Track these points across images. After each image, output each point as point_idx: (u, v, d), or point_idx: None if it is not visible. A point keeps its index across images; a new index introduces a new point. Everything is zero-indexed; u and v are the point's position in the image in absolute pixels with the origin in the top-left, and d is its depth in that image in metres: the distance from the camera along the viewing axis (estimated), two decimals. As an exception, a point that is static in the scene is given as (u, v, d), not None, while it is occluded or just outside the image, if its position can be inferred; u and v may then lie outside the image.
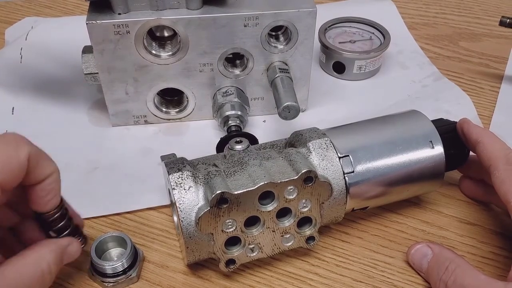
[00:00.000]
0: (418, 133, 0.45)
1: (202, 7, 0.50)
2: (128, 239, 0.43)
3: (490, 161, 0.42)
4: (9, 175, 0.32)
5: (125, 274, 0.42)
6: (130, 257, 0.43)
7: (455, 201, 0.51)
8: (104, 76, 0.53)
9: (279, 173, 0.39)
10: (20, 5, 0.80)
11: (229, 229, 0.39)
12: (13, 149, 0.33)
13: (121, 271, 0.42)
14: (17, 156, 0.33)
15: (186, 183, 0.40)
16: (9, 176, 0.32)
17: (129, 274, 0.42)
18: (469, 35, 0.76)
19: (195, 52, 0.52)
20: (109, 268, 0.42)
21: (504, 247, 0.46)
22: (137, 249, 0.44)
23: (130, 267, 0.42)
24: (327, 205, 0.42)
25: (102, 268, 0.42)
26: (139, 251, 0.44)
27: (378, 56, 0.65)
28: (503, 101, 0.63)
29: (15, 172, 0.33)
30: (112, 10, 0.49)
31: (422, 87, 0.64)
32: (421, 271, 0.43)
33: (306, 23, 0.52)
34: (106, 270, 0.42)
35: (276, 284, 0.44)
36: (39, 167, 0.35)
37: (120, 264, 0.42)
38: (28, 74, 0.64)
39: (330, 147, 0.42)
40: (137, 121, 0.58)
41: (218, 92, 0.55)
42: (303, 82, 0.57)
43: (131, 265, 0.42)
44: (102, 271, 0.42)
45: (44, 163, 0.35)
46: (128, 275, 0.42)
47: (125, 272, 0.42)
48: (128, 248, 0.43)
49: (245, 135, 0.49)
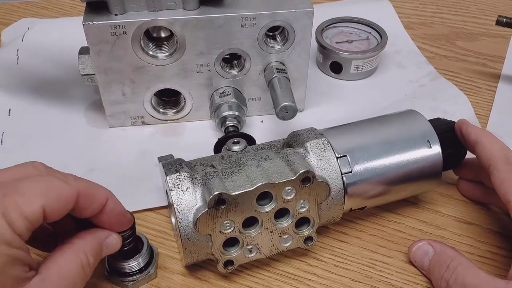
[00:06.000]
0: (416, 133, 0.45)
1: (199, 8, 0.50)
2: (144, 238, 0.43)
3: (489, 161, 0.42)
4: (55, 204, 0.33)
5: (143, 272, 0.43)
6: (147, 255, 0.43)
7: (452, 200, 0.51)
8: (101, 77, 0.53)
9: (277, 173, 0.39)
10: (17, 6, 0.79)
11: (227, 230, 0.39)
12: (62, 182, 0.34)
13: (138, 270, 0.42)
14: (66, 188, 0.34)
15: (183, 184, 0.39)
16: (55, 205, 0.33)
17: (147, 271, 0.43)
18: (466, 35, 0.76)
19: (192, 53, 0.52)
20: (128, 268, 0.42)
21: (502, 246, 0.46)
22: (152, 247, 0.44)
23: (147, 265, 0.43)
24: (325, 206, 0.42)
25: (121, 267, 0.42)
26: (153, 247, 0.45)
27: (375, 56, 0.65)
28: (500, 100, 0.63)
29: (62, 202, 0.33)
30: (109, 11, 0.49)
31: (419, 87, 0.65)
32: (422, 268, 0.43)
33: (303, 23, 0.52)
34: (124, 270, 0.42)
35: (274, 284, 0.44)
36: (92, 199, 0.36)
37: (137, 263, 0.42)
38: (25, 76, 0.64)
39: (327, 148, 0.42)
40: (134, 122, 0.58)
41: (215, 93, 0.55)
42: (301, 82, 0.57)
43: (148, 262, 0.43)
44: (121, 271, 0.42)
45: (96, 193, 0.36)
46: (147, 272, 0.43)
47: (142, 270, 0.43)
48: (145, 246, 0.43)
49: (242, 135, 0.49)
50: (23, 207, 0.31)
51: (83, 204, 0.35)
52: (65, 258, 0.35)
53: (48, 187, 0.33)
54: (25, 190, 0.32)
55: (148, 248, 0.43)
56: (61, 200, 0.33)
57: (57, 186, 0.33)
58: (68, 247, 0.36)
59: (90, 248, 0.36)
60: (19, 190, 0.32)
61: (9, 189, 0.32)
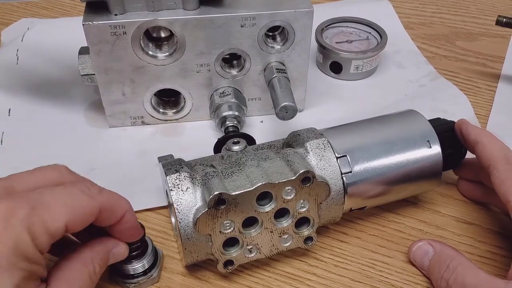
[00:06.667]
0: (416, 133, 0.45)
1: (199, 8, 0.50)
2: (149, 240, 0.43)
3: (489, 161, 0.42)
4: (78, 220, 0.33)
5: (146, 275, 0.42)
6: (151, 258, 0.43)
7: (452, 200, 0.51)
8: (101, 77, 0.53)
9: (277, 173, 0.39)
10: (17, 6, 0.79)
11: (227, 230, 0.39)
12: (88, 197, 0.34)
13: (142, 272, 0.42)
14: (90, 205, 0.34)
15: (183, 184, 0.39)
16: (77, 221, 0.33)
17: (150, 274, 0.42)
18: (465, 35, 0.76)
19: (192, 53, 0.52)
20: (131, 269, 0.42)
21: (502, 246, 0.46)
22: (157, 249, 0.44)
23: (151, 267, 0.43)
24: (325, 205, 0.42)
25: (124, 269, 0.42)
26: (159, 251, 0.44)
27: (375, 56, 0.65)
28: (500, 100, 0.63)
29: (84, 218, 0.34)
30: (109, 11, 0.49)
31: (419, 87, 0.65)
32: (422, 268, 0.44)
33: (303, 23, 0.52)
34: (128, 272, 0.42)
35: (274, 284, 0.44)
36: (113, 212, 0.36)
37: (141, 265, 0.42)
38: (25, 76, 0.64)
39: (327, 147, 0.42)
40: (134, 122, 0.58)
41: (215, 93, 0.55)
42: (300, 82, 0.57)
43: (152, 265, 0.43)
44: (124, 273, 0.42)
45: (117, 206, 0.36)
46: (150, 275, 0.42)
47: (146, 272, 0.42)
48: (149, 249, 0.43)
49: (242, 135, 0.49)
50: (48, 224, 0.31)
51: (104, 217, 0.35)
52: (74, 269, 0.35)
53: (73, 202, 0.33)
54: (51, 204, 0.32)
55: (152, 250, 0.43)
56: (85, 215, 0.34)
57: (82, 202, 0.34)
58: (76, 257, 0.36)
59: (98, 258, 0.37)
60: (46, 204, 0.32)
61: (37, 202, 0.32)
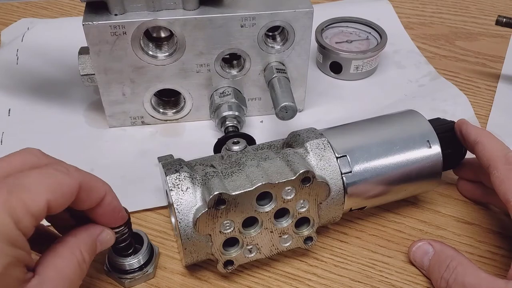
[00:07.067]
0: (415, 133, 0.45)
1: (199, 8, 0.50)
2: (145, 236, 0.43)
3: (489, 161, 0.42)
4: (59, 199, 0.33)
5: (142, 270, 0.43)
6: (147, 254, 0.43)
7: (452, 200, 0.51)
8: (101, 77, 0.53)
9: (277, 173, 0.39)
10: (16, 6, 0.79)
11: (227, 230, 0.39)
12: (65, 175, 0.33)
13: (138, 267, 0.42)
14: (69, 182, 0.33)
15: (183, 184, 0.39)
16: (59, 200, 0.33)
17: (145, 270, 0.43)
18: (465, 35, 0.76)
19: (191, 53, 0.52)
20: (127, 265, 0.42)
21: (502, 246, 0.46)
22: (153, 246, 0.44)
23: (146, 263, 0.43)
24: (325, 205, 0.42)
25: (120, 264, 0.42)
26: (155, 247, 0.44)
27: (375, 56, 0.65)
28: (500, 100, 0.63)
29: (65, 197, 0.33)
30: (109, 11, 0.49)
31: (419, 87, 0.65)
32: (422, 268, 0.44)
33: (303, 23, 0.52)
34: (123, 267, 0.42)
35: (274, 284, 0.44)
36: (92, 192, 0.36)
37: (137, 260, 0.42)
38: (25, 76, 0.64)
39: (327, 147, 0.42)
40: (134, 122, 0.58)
41: (215, 93, 0.55)
42: (300, 82, 0.57)
43: (148, 261, 0.43)
44: (120, 268, 0.42)
45: (96, 186, 0.36)
46: (145, 271, 0.43)
47: (141, 268, 0.43)
48: (145, 244, 0.43)
49: (242, 135, 0.49)
50: (29, 204, 0.31)
51: (83, 197, 0.35)
52: (62, 257, 0.35)
53: (52, 181, 0.33)
54: (30, 185, 0.32)
55: (148, 245, 0.43)
56: (65, 193, 0.33)
57: (61, 179, 0.33)
58: (63, 246, 0.36)
59: (85, 245, 0.36)
60: (25, 185, 0.31)
61: (14, 185, 0.31)
